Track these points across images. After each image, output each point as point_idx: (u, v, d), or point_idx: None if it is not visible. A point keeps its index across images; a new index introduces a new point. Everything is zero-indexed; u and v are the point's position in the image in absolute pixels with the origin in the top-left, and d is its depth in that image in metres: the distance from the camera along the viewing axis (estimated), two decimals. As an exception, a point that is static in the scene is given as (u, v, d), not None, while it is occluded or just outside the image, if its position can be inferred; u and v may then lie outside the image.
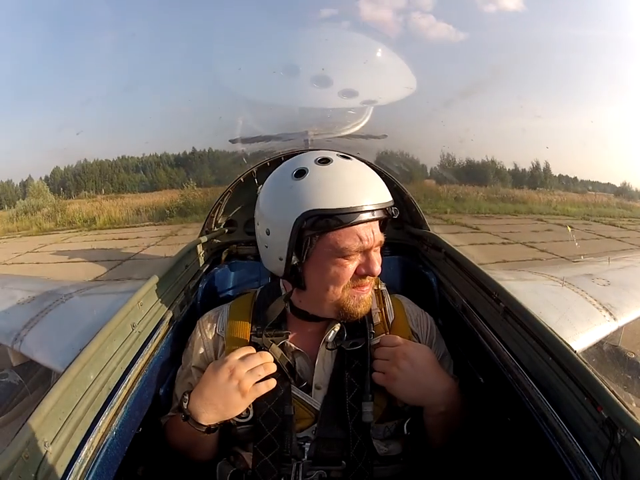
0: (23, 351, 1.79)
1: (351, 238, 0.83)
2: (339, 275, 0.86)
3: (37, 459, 0.59)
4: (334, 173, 0.84)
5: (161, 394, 1.01)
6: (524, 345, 0.87)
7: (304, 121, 2.08)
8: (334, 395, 0.89)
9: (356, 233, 0.83)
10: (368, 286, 0.91)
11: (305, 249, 0.84)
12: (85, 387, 0.74)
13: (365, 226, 0.84)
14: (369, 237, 0.85)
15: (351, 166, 0.87)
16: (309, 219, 0.81)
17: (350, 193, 0.82)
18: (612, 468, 0.59)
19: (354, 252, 0.84)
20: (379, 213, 0.84)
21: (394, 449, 0.89)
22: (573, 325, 1.74)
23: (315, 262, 0.86)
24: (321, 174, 0.84)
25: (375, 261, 0.87)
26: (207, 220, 1.74)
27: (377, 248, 0.90)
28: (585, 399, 0.67)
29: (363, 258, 0.87)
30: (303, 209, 0.81)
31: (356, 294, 0.89)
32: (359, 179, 0.86)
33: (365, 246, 0.85)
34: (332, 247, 0.83)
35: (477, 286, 1.11)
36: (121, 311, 0.92)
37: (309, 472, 0.84)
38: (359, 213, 0.81)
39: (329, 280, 0.87)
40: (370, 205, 0.82)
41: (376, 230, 0.87)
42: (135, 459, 0.86)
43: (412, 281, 1.55)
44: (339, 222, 0.81)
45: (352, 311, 0.90)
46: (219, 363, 0.88)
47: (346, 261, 0.85)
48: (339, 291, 0.88)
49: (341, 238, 0.83)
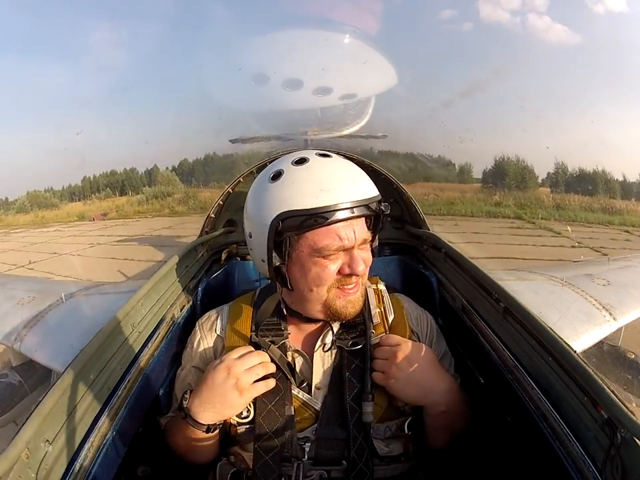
0: (23, 351, 1.79)
1: (329, 237, 0.82)
2: (319, 275, 0.85)
3: (37, 459, 0.59)
4: (308, 172, 0.84)
5: (160, 394, 1.01)
6: (524, 345, 0.87)
7: (304, 121, 2.08)
8: (334, 395, 0.89)
9: (335, 232, 0.82)
10: (355, 286, 0.89)
11: (285, 250, 0.84)
12: (85, 387, 0.74)
13: (345, 224, 0.83)
14: (349, 235, 0.83)
15: (327, 164, 0.86)
16: (284, 220, 0.81)
17: (324, 191, 0.80)
18: (612, 468, 0.59)
19: (334, 251, 0.83)
20: (359, 210, 0.83)
21: (395, 448, 0.89)
22: (573, 325, 1.74)
23: (297, 262, 0.86)
24: (296, 174, 0.84)
25: (359, 259, 0.85)
26: (207, 220, 1.74)
27: (364, 246, 0.88)
28: (585, 398, 0.67)
29: (346, 257, 0.85)
30: (277, 210, 0.81)
31: (342, 295, 0.88)
32: (335, 176, 0.83)
33: (345, 245, 0.83)
34: (311, 247, 0.83)
35: (477, 286, 1.11)
36: (120, 311, 0.92)
37: (310, 472, 0.84)
38: (334, 212, 0.80)
39: (311, 280, 0.86)
40: (347, 202, 0.80)
41: (359, 228, 0.85)
42: (135, 458, 0.86)
43: (412, 281, 1.55)
44: (315, 222, 0.80)
45: (340, 312, 0.89)
46: (217, 362, 0.88)
47: (326, 261, 0.84)
48: (323, 292, 0.87)
49: (319, 237, 0.82)
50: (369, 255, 0.90)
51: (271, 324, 0.96)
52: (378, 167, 1.65)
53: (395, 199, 1.73)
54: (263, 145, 2.20)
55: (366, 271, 0.90)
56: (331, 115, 2.12)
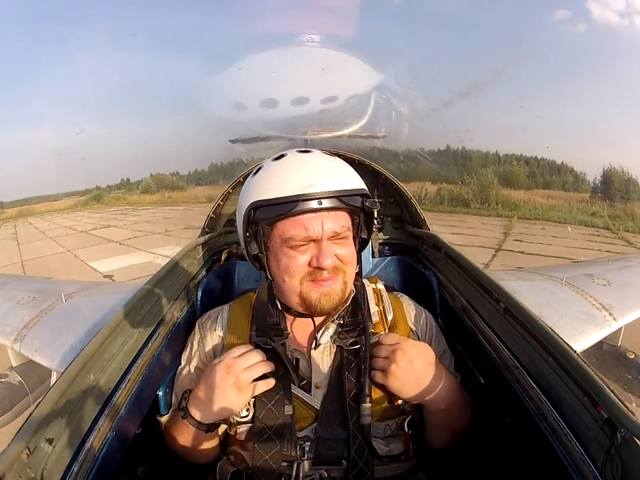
0: (23, 351, 1.79)
1: (295, 228, 0.84)
2: (288, 265, 0.87)
3: (37, 459, 0.59)
4: (282, 166, 0.88)
5: (160, 394, 1.01)
6: (524, 345, 0.86)
7: (304, 121, 2.08)
8: (334, 395, 0.89)
9: (301, 223, 0.84)
10: (330, 279, 0.88)
11: (261, 240, 0.88)
12: (85, 387, 0.74)
13: (313, 216, 0.84)
14: (316, 227, 0.84)
15: (302, 158, 0.89)
16: (257, 211, 0.86)
17: (291, 182, 0.83)
18: (612, 468, 0.59)
19: (300, 242, 0.85)
20: (330, 202, 0.83)
21: (395, 447, 0.89)
22: (573, 325, 1.74)
23: (272, 253, 0.89)
24: (271, 168, 0.89)
25: (326, 253, 0.85)
26: (207, 220, 1.74)
27: (341, 241, 0.88)
28: (585, 398, 0.67)
29: (315, 249, 0.86)
30: (249, 201, 0.86)
31: (315, 287, 0.88)
32: (307, 169, 0.86)
33: (311, 236, 0.84)
34: (280, 237, 0.86)
35: (477, 286, 1.11)
36: (121, 310, 0.92)
37: (309, 471, 0.84)
38: (298, 202, 0.82)
39: (282, 270, 0.88)
40: (312, 193, 0.82)
41: (330, 221, 0.85)
42: (135, 458, 0.86)
43: (412, 280, 1.55)
44: (281, 211, 0.83)
45: (315, 305, 0.88)
46: (217, 361, 0.88)
47: (294, 251, 0.86)
48: (295, 283, 0.88)
49: (286, 228, 0.85)
50: (347, 251, 0.89)
51: (270, 323, 0.96)
52: (378, 167, 1.65)
53: (395, 199, 1.73)
54: (263, 145, 2.22)
55: (342, 266, 0.89)
56: (330, 115, 2.13)
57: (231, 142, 2.26)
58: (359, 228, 0.93)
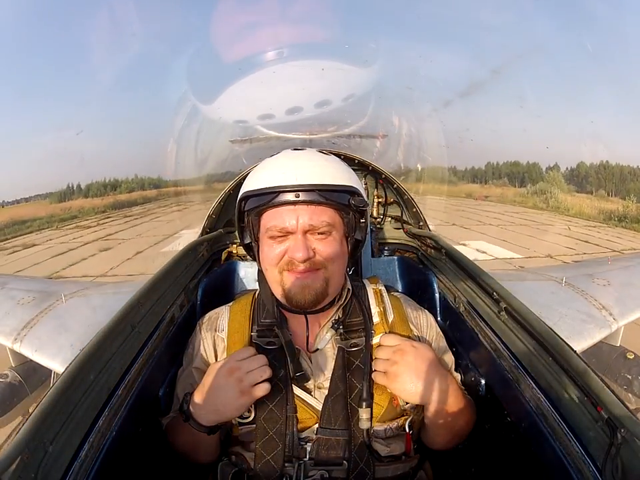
0: (23, 351, 1.79)
1: (274, 219, 0.87)
2: (267, 254, 0.90)
3: (37, 459, 0.59)
4: (272, 162, 0.93)
5: (161, 394, 1.01)
6: (524, 345, 0.86)
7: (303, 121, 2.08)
8: (335, 396, 0.89)
9: (280, 215, 0.87)
10: (307, 271, 0.88)
11: (251, 230, 0.93)
12: (84, 387, 0.74)
13: (290, 208, 0.86)
14: (290, 220, 0.86)
15: (292, 155, 0.93)
16: (246, 202, 0.92)
17: (274, 175, 0.87)
18: (612, 468, 0.59)
19: (277, 233, 0.87)
20: (307, 195, 0.85)
21: (396, 448, 0.89)
22: (573, 325, 1.74)
23: (260, 242, 0.93)
24: (264, 164, 0.94)
25: (300, 245, 0.85)
26: (207, 220, 1.73)
27: (321, 236, 0.88)
28: (585, 398, 0.67)
29: (292, 241, 0.88)
30: (241, 192, 0.93)
31: (292, 276, 0.89)
32: (292, 164, 0.89)
33: (286, 228, 0.87)
34: (264, 227, 0.90)
35: (477, 286, 1.11)
36: (120, 311, 0.92)
37: (311, 472, 0.84)
38: (276, 193, 0.85)
39: (264, 259, 0.93)
40: (290, 185, 0.85)
41: (306, 214, 0.86)
42: (135, 458, 0.86)
43: (412, 281, 1.55)
44: (262, 202, 0.87)
45: (293, 296, 0.89)
46: (219, 364, 0.88)
47: (272, 241, 0.89)
48: (276, 272, 0.91)
49: (268, 218, 0.89)
50: (328, 247, 0.89)
51: (271, 324, 0.96)
52: (378, 166, 1.65)
53: (395, 199, 1.73)
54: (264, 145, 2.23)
55: (322, 262, 0.88)
56: (330, 115, 2.13)
57: (231, 142, 2.26)
58: (349, 227, 0.93)
